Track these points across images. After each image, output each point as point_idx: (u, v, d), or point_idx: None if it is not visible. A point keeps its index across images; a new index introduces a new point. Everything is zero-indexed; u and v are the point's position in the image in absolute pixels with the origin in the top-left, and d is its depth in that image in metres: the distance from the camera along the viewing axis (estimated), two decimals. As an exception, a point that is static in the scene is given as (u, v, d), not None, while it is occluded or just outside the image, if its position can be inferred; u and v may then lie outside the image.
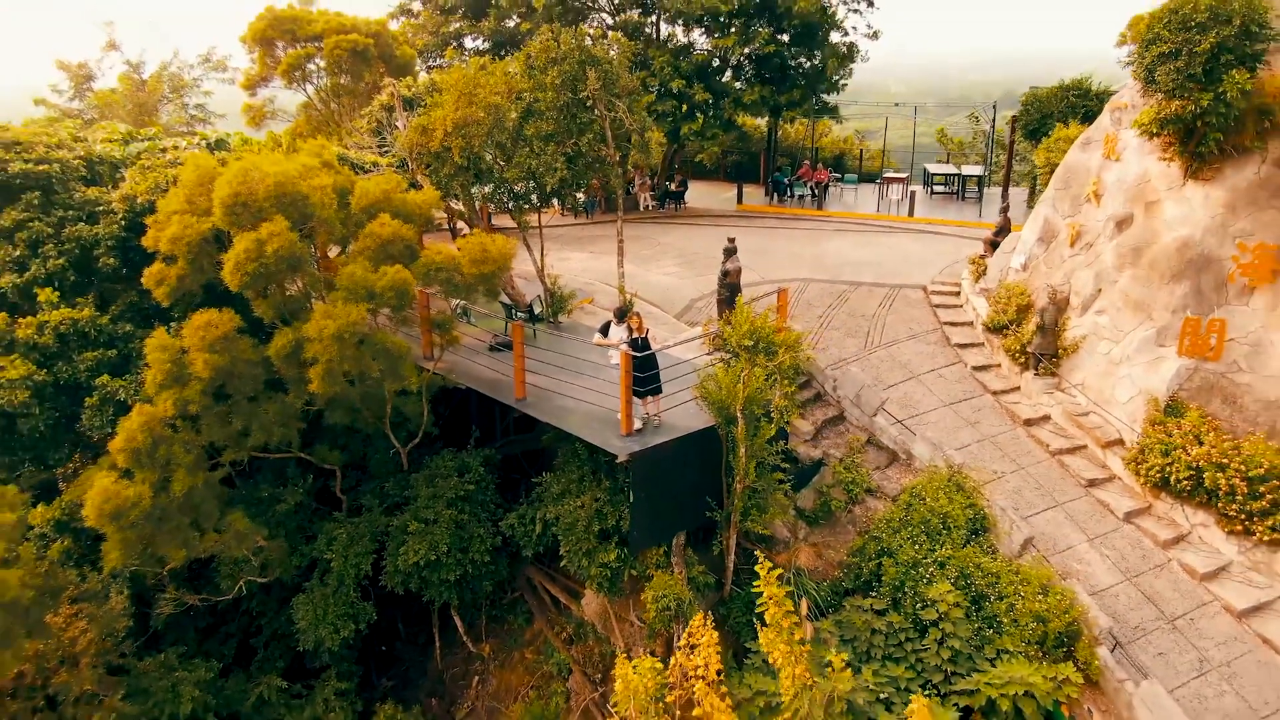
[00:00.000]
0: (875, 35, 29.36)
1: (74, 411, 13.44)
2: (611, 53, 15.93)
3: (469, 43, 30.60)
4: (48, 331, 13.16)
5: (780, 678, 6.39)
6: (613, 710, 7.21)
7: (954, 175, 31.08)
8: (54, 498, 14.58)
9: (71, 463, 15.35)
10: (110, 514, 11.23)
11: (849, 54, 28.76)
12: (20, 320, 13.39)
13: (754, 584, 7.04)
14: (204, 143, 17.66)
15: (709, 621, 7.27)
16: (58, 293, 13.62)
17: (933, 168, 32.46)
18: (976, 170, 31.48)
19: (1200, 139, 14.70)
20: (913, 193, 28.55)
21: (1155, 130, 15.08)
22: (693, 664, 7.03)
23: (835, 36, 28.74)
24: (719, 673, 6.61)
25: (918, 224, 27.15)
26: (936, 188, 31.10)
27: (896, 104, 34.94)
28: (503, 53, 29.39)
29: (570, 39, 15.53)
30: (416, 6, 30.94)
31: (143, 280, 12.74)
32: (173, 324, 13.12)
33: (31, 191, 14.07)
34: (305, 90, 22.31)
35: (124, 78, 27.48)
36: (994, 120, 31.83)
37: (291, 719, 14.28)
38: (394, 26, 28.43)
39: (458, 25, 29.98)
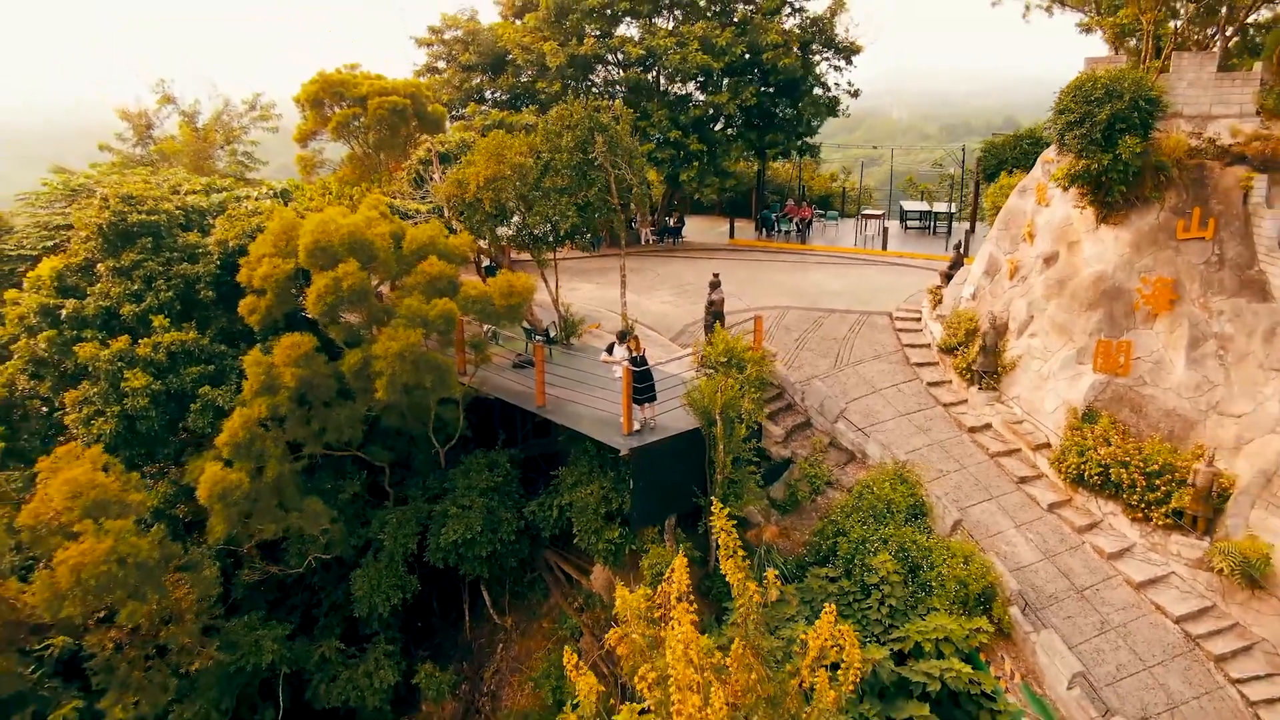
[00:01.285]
0: (855, 94, 32.14)
1: (179, 415, 16.34)
2: (615, 120, 18.83)
3: (488, 95, 33.65)
4: (161, 351, 16.03)
5: (733, 590, 9.09)
6: (614, 621, 9.92)
7: (926, 212, 33.48)
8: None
9: (160, 462, 18.29)
10: (218, 495, 14.08)
11: (830, 107, 31.67)
12: (140, 341, 16.27)
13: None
14: (271, 192, 20.78)
15: (681, 551, 9.99)
16: (167, 319, 16.57)
17: (907, 205, 34.99)
18: (946, 207, 34.08)
19: (1107, 191, 17.25)
20: (885, 228, 30.80)
21: (1067, 184, 17.79)
22: (672, 591, 9.75)
23: (817, 91, 31.62)
24: (689, 588, 9.28)
25: (890, 257, 29.36)
26: (911, 223, 33.42)
27: (875, 146, 37.83)
28: (519, 105, 32.46)
29: (581, 109, 18.49)
30: (441, 64, 34.04)
31: (239, 309, 15.73)
32: (258, 345, 16.06)
33: (145, 237, 17.09)
34: (350, 143, 25.38)
35: (183, 126, 30.70)
36: (964, 161, 34.66)
37: (348, 674, 16.90)
38: (420, 81, 31.46)
39: (478, 81, 32.98)
